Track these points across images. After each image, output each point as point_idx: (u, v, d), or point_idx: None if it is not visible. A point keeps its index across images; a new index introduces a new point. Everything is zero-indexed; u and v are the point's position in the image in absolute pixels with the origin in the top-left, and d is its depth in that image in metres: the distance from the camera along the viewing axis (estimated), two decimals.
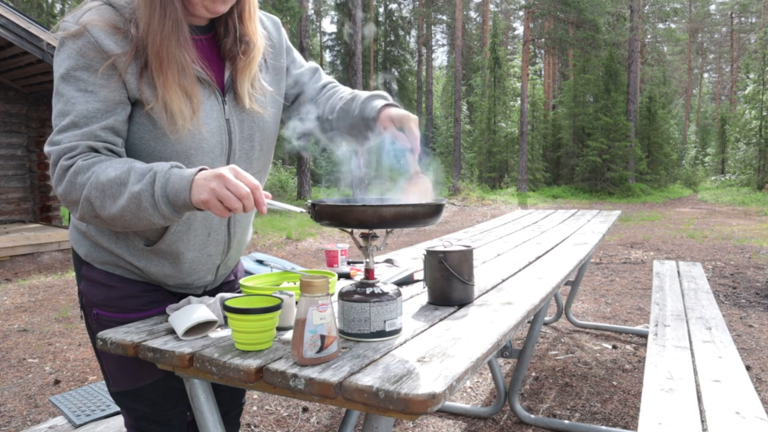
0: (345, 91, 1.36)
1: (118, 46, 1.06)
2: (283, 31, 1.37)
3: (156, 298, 1.26)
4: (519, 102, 23.77)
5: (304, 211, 1.09)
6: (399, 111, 1.20)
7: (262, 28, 1.28)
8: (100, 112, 1.06)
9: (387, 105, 1.23)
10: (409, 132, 1.17)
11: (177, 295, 1.30)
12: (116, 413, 2.07)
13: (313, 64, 1.44)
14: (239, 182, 0.96)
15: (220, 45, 1.22)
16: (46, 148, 1.06)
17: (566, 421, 2.53)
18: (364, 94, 1.29)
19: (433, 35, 37.79)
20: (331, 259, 1.87)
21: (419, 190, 1.12)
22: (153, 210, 1.00)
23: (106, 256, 1.22)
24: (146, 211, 1.00)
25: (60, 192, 1.05)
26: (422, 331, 1.10)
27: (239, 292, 1.39)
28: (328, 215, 1.02)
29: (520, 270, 1.78)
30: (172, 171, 1.00)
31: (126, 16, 1.08)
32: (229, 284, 1.45)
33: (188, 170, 1.00)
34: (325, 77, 1.44)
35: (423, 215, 1.02)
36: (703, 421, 1.58)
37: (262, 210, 1.00)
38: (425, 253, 1.34)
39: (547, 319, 4.11)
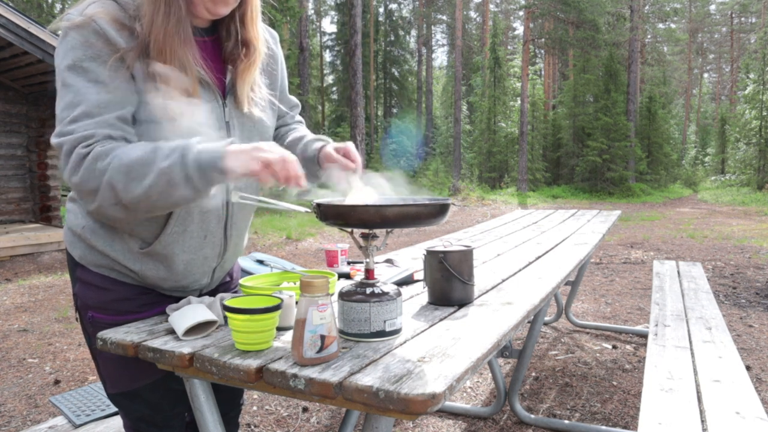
0: (297, 133, 1.42)
1: (125, 41, 1.06)
2: (280, 47, 1.40)
3: (151, 300, 1.26)
4: (519, 102, 23.77)
5: (308, 210, 1.09)
6: (337, 144, 1.28)
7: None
8: (112, 102, 1.05)
9: (325, 145, 1.30)
10: (353, 157, 1.23)
11: (172, 298, 1.29)
12: (116, 413, 2.07)
13: (296, 99, 1.51)
14: (276, 149, 1.00)
15: (222, 47, 1.22)
16: (56, 140, 1.04)
17: (566, 421, 2.53)
18: (308, 137, 1.37)
19: (433, 35, 37.79)
20: (331, 259, 1.87)
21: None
22: (184, 184, 0.98)
23: (101, 259, 1.22)
24: (176, 186, 0.98)
25: (76, 181, 1.02)
26: (422, 331, 1.10)
27: (236, 293, 1.39)
28: (332, 215, 1.02)
29: (520, 270, 1.78)
30: (201, 145, 1.00)
31: (130, 13, 1.08)
32: (225, 285, 1.45)
33: (217, 143, 1.01)
34: (299, 116, 1.52)
35: (427, 215, 1.02)
36: (703, 421, 1.58)
37: (301, 182, 1.02)
38: (425, 253, 1.34)
39: (547, 319, 4.10)
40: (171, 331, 1.10)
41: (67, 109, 1.04)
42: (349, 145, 1.26)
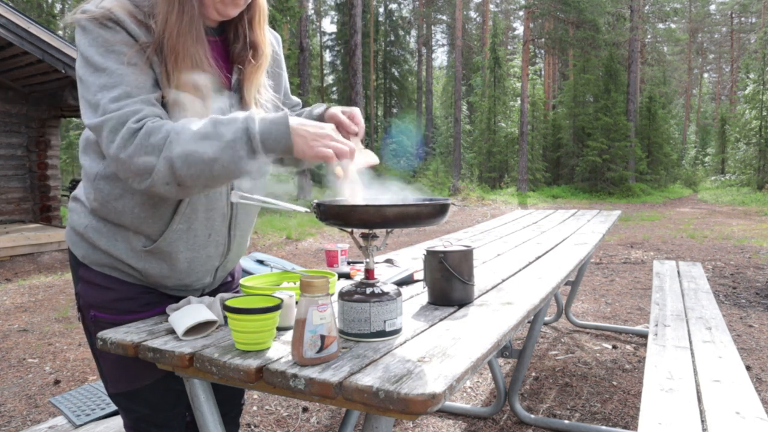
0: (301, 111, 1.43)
1: (143, 35, 1.07)
2: (282, 49, 1.42)
3: (153, 299, 1.26)
4: (519, 102, 23.77)
5: (308, 210, 1.09)
6: (343, 107, 1.27)
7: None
8: (148, 83, 1.06)
9: (330, 107, 1.30)
10: (356, 121, 1.22)
11: (174, 297, 1.29)
12: (116, 412, 2.07)
13: (298, 99, 1.52)
14: (341, 138, 1.04)
15: (228, 48, 1.23)
16: (96, 119, 1.01)
17: (566, 421, 2.53)
18: (310, 107, 1.38)
19: (433, 35, 37.79)
20: (331, 259, 1.87)
21: (361, 163, 1.14)
22: (249, 157, 0.98)
23: (104, 259, 1.22)
24: (242, 159, 0.97)
25: (125, 156, 0.99)
26: (422, 331, 1.10)
27: (237, 293, 1.39)
28: (332, 215, 1.02)
29: (520, 270, 1.78)
30: (260, 117, 1.00)
31: (145, 11, 1.09)
32: (227, 285, 1.45)
33: (275, 116, 1.01)
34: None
35: (427, 215, 1.02)
36: (703, 421, 1.58)
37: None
38: (425, 253, 1.34)
39: (547, 319, 4.10)
40: (171, 331, 1.10)
41: (104, 91, 1.02)
42: (355, 110, 1.24)
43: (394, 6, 34.84)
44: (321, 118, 1.28)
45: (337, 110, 1.25)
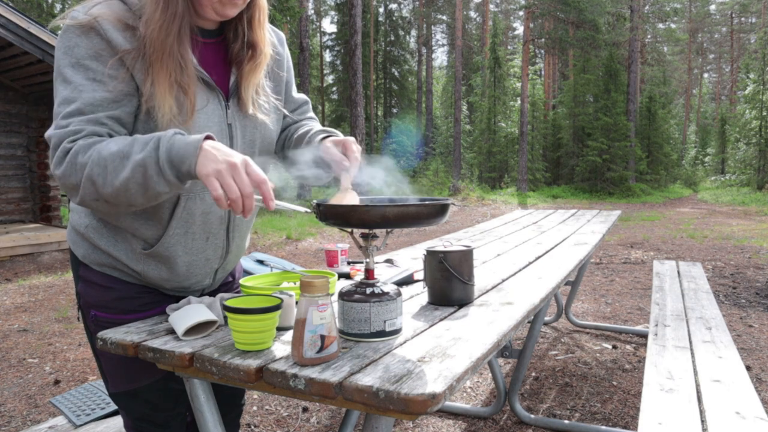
0: (305, 128, 1.38)
1: (127, 41, 1.06)
2: (287, 48, 1.39)
3: (153, 299, 1.26)
4: (519, 102, 23.76)
5: (309, 211, 1.09)
6: (339, 138, 1.24)
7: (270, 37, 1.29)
8: (106, 101, 1.05)
9: (329, 136, 1.26)
10: (350, 153, 1.19)
11: (174, 297, 1.29)
12: (116, 411, 2.07)
13: (304, 96, 1.48)
14: (247, 180, 0.95)
15: (228, 50, 1.22)
16: (49, 133, 1.04)
17: (566, 421, 2.53)
18: (313, 130, 1.33)
19: (433, 35, 37.79)
20: (331, 259, 1.87)
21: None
22: (158, 177, 0.96)
23: (104, 259, 1.22)
24: (151, 179, 0.96)
25: (59, 174, 1.02)
26: (422, 331, 1.10)
27: (238, 293, 1.39)
28: (332, 215, 1.02)
29: (520, 270, 1.78)
30: (175, 137, 0.98)
31: (136, 13, 1.08)
32: (227, 285, 1.45)
33: (194, 136, 0.98)
34: (310, 112, 1.48)
35: (427, 215, 1.02)
36: (703, 421, 1.58)
37: (270, 205, 0.98)
38: (425, 253, 1.34)
39: (547, 319, 4.10)
40: (171, 331, 1.10)
41: (63, 105, 1.04)
42: (349, 140, 1.21)
43: (394, 6, 34.84)
44: (317, 149, 1.25)
45: (330, 145, 1.21)
